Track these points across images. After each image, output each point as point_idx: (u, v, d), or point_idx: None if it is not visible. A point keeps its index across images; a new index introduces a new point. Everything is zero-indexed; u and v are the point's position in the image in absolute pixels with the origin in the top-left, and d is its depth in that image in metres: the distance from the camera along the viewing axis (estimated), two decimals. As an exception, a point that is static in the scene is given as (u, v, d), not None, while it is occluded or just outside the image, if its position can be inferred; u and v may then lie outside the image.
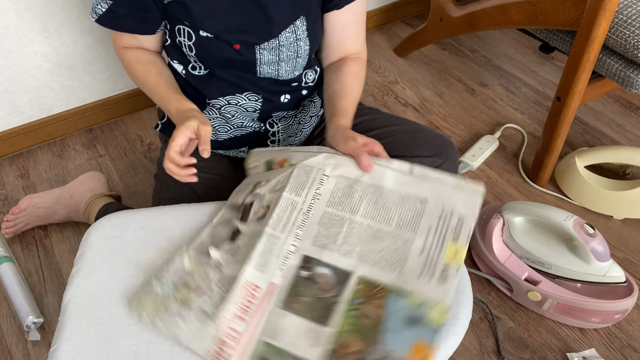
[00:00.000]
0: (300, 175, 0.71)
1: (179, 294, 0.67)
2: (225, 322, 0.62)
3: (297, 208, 0.69)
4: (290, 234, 0.68)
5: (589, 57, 1.12)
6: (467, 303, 0.70)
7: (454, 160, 0.96)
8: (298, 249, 0.66)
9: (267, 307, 0.63)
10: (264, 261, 0.67)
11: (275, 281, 0.65)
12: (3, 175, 1.44)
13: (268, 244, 0.68)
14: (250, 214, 0.73)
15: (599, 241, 1.03)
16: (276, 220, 0.69)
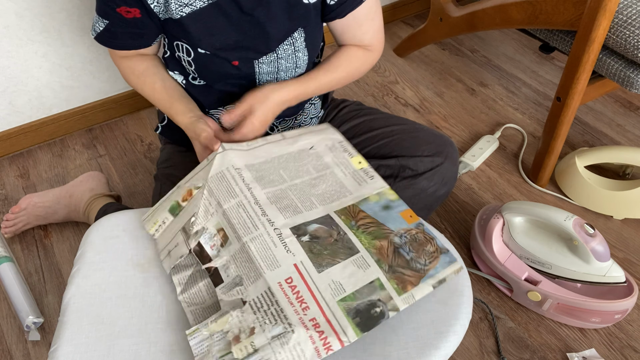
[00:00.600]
0: (218, 186, 0.75)
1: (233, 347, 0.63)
2: (302, 322, 0.62)
3: (246, 206, 0.72)
4: (264, 225, 0.70)
5: (589, 57, 1.12)
6: (467, 303, 0.70)
7: (454, 160, 0.96)
8: (282, 229, 0.70)
9: (311, 283, 0.66)
10: (270, 259, 0.67)
11: (294, 262, 0.67)
12: (3, 175, 1.44)
13: (259, 247, 0.68)
14: (211, 251, 0.71)
15: (599, 241, 1.03)
16: (243, 227, 0.70)
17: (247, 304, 0.64)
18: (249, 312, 0.63)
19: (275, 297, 0.64)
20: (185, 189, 0.76)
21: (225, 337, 0.61)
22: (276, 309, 0.63)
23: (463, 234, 1.28)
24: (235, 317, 0.63)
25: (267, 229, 0.70)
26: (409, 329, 0.67)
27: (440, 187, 0.95)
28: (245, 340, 0.61)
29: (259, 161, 0.79)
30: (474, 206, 1.35)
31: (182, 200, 0.75)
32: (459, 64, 1.81)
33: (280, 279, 0.65)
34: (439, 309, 0.69)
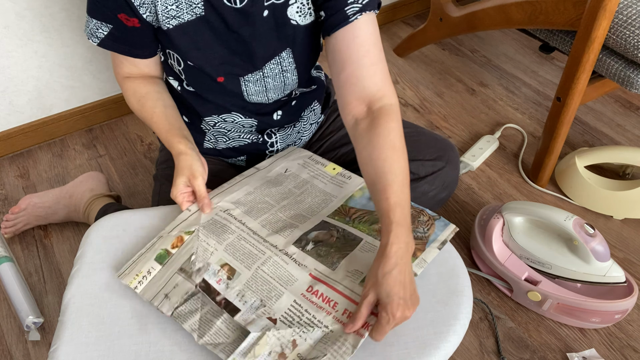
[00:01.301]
0: (212, 228, 0.77)
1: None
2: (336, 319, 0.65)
3: (246, 238, 0.75)
4: (269, 249, 0.73)
5: (589, 57, 1.12)
6: (467, 303, 0.70)
7: (455, 164, 0.96)
8: (286, 248, 0.74)
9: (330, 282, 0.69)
10: (286, 277, 0.70)
11: (309, 272, 0.70)
12: (3, 175, 1.44)
13: (272, 268, 0.71)
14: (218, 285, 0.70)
15: (599, 241, 1.03)
16: (250, 257, 0.73)
17: (278, 321, 0.65)
18: (284, 327, 0.64)
19: (303, 307, 0.66)
20: (173, 237, 0.75)
21: (270, 357, 0.62)
22: (308, 317, 0.65)
23: (463, 234, 1.28)
24: (273, 336, 0.64)
25: (273, 252, 0.73)
26: (409, 329, 0.67)
27: (441, 190, 0.95)
28: (291, 354, 0.62)
29: (242, 195, 0.82)
30: (474, 206, 1.35)
31: (171, 247, 0.74)
32: (459, 64, 1.81)
33: (302, 290, 0.68)
34: (439, 309, 0.69)
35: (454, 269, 0.74)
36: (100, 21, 0.78)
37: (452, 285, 0.72)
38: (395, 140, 0.71)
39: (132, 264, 0.73)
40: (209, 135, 0.94)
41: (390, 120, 0.72)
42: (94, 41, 0.81)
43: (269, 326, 0.65)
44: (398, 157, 0.70)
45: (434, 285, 0.72)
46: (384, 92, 0.74)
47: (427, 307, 0.70)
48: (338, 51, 0.74)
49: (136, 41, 0.81)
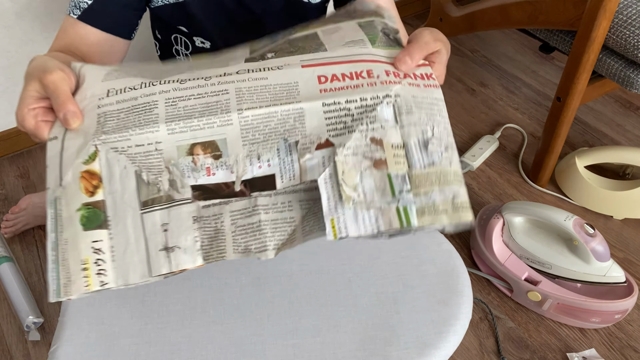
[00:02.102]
0: (117, 120, 0.46)
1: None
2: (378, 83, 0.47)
3: (182, 93, 0.47)
4: (230, 81, 0.48)
5: (589, 57, 1.12)
6: (467, 303, 0.70)
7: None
8: (244, 66, 0.50)
9: (343, 58, 0.49)
10: (282, 90, 0.47)
11: (301, 65, 0.49)
12: (3, 175, 1.44)
13: (258, 96, 0.46)
14: (218, 175, 0.46)
15: (599, 241, 1.03)
16: (212, 111, 0.46)
17: (330, 138, 0.45)
18: (345, 136, 0.45)
19: (339, 100, 0.46)
20: (73, 183, 0.47)
21: (367, 172, 0.44)
22: (356, 104, 0.46)
23: (463, 234, 1.28)
24: (344, 155, 0.44)
25: (237, 79, 0.47)
26: (409, 329, 0.67)
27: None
28: (387, 153, 0.44)
29: (117, 67, 0.52)
30: (474, 206, 1.35)
31: (87, 194, 0.46)
32: (459, 64, 1.81)
33: (317, 88, 0.47)
34: (439, 309, 0.69)
35: (454, 269, 0.74)
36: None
37: (452, 285, 0.72)
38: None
39: (56, 271, 0.44)
40: None
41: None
42: (75, 14, 0.70)
43: (329, 154, 0.44)
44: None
45: (434, 285, 0.72)
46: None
47: (427, 307, 0.70)
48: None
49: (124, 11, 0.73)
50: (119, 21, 0.74)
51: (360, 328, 0.67)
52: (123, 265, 0.45)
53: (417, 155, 0.45)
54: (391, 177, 0.44)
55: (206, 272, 0.73)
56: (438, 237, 0.79)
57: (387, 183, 0.44)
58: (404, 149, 0.45)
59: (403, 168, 0.44)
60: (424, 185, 0.44)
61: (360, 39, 0.50)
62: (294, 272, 0.73)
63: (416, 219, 0.44)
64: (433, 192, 0.44)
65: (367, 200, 0.44)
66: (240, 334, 0.67)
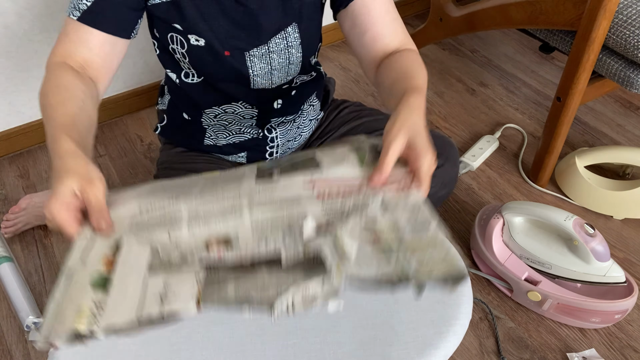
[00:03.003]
0: (144, 229, 0.55)
1: None
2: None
3: (203, 203, 0.56)
4: (242, 193, 0.57)
5: (589, 57, 1.12)
6: (467, 303, 0.70)
7: (455, 161, 0.96)
8: (255, 184, 0.58)
9: (340, 174, 0.58)
10: (287, 197, 0.55)
11: (303, 181, 0.58)
12: (3, 175, 1.44)
13: (268, 204, 0.55)
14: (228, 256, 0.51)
15: (599, 241, 1.03)
16: (228, 214, 0.54)
17: (327, 224, 0.52)
18: (343, 220, 0.51)
19: (336, 197, 0.54)
20: (96, 262, 0.50)
21: (366, 241, 0.50)
22: (351, 203, 0.54)
23: (463, 234, 1.28)
24: (346, 231, 0.50)
25: (247, 192, 0.55)
26: (409, 329, 0.67)
27: (440, 188, 0.95)
28: (380, 228, 0.51)
29: (145, 191, 0.59)
30: (474, 206, 1.35)
31: (105, 268, 0.50)
32: (459, 64, 1.81)
33: (314, 196, 0.55)
34: (439, 309, 0.69)
35: (454, 269, 0.74)
36: None
37: (452, 285, 0.72)
38: (416, 59, 0.77)
39: (57, 312, 0.46)
40: (209, 131, 0.94)
41: (411, 52, 0.79)
42: (75, 15, 0.72)
43: (330, 232, 0.50)
44: (421, 67, 0.75)
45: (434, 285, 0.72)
46: (405, 42, 0.82)
47: (427, 307, 0.70)
48: (359, 16, 0.81)
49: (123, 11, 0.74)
50: (119, 22, 0.75)
51: (360, 328, 0.67)
52: (112, 309, 0.46)
53: (406, 230, 0.51)
54: (384, 251, 0.50)
55: (206, 272, 0.73)
56: (438, 237, 0.79)
57: (382, 253, 0.49)
58: (395, 229, 0.51)
59: (395, 243, 0.50)
60: (417, 250, 0.49)
61: (351, 159, 0.59)
62: (294, 272, 0.73)
63: (421, 276, 0.48)
64: (424, 255, 0.49)
65: (362, 267, 0.48)
66: (240, 334, 0.67)
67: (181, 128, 0.96)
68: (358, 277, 0.47)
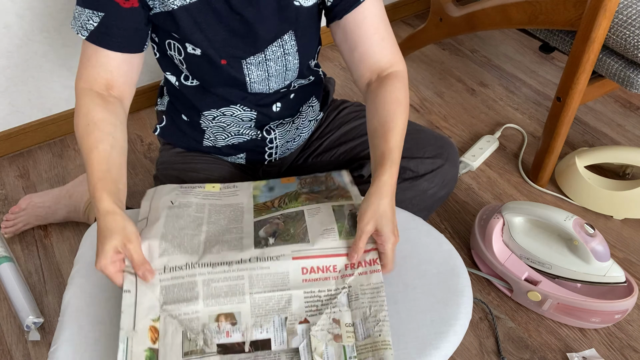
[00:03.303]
0: (171, 294, 0.68)
1: None
2: (338, 276, 0.70)
3: (212, 277, 0.69)
4: (243, 269, 0.70)
5: (589, 57, 1.12)
6: (467, 303, 0.70)
7: (455, 161, 0.96)
8: (252, 255, 0.71)
9: (319, 252, 0.71)
10: (279, 279, 0.70)
11: (292, 257, 0.71)
12: (3, 175, 1.44)
13: (263, 283, 0.69)
14: (234, 337, 0.66)
15: (599, 241, 1.03)
16: (232, 292, 0.68)
17: (307, 318, 0.67)
18: (317, 317, 0.67)
19: (314, 290, 0.69)
20: (143, 332, 0.65)
21: (330, 345, 0.65)
22: (326, 294, 0.69)
23: (463, 234, 1.28)
24: (317, 332, 0.66)
25: (248, 268, 0.69)
26: (409, 329, 0.67)
27: (440, 188, 0.95)
28: (342, 330, 0.66)
29: (159, 242, 0.71)
30: (474, 206, 1.35)
31: (151, 342, 0.64)
32: (459, 64, 1.81)
33: (300, 279, 0.69)
34: (439, 309, 0.69)
35: (454, 269, 0.74)
36: (92, 10, 0.74)
37: (452, 285, 0.72)
38: (400, 95, 0.81)
39: None
40: (208, 132, 0.94)
41: (396, 81, 0.82)
42: (84, 34, 0.76)
43: (306, 328, 0.66)
44: (401, 110, 0.80)
45: (434, 285, 0.72)
46: (392, 62, 0.84)
47: (427, 307, 0.70)
48: (349, 32, 0.83)
49: (129, 28, 0.77)
50: (131, 40, 0.78)
51: (360, 328, 0.67)
52: None
53: (360, 331, 0.65)
54: (345, 348, 0.64)
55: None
56: (438, 237, 0.79)
57: (342, 352, 0.64)
58: (353, 326, 0.66)
59: (352, 340, 0.65)
60: (364, 352, 0.64)
61: (332, 229, 0.73)
62: (294, 272, 0.73)
63: None
64: (368, 357, 0.63)
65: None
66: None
67: (180, 129, 0.96)
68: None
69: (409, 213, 0.85)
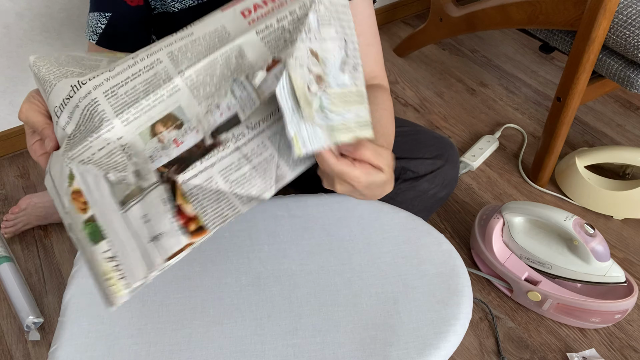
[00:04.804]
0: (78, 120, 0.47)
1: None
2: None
3: (122, 75, 0.47)
4: (164, 44, 0.49)
5: (589, 57, 1.12)
6: (467, 303, 0.70)
7: (455, 162, 0.96)
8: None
9: None
10: (218, 33, 0.47)
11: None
12: (3, 175, 1.44)
13: (201, 42, 0.47)
14: (185, 138, 0.46)
15: (599, 241, 1.03)
16: (154, 82, 0.46)
17: (286, 61, 0.43)
18: (295, 55, 0.43)
19: (270, 20, 0.45)
20: (71, 207, 0.47)
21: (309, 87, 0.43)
22: (292, 15, 0.45)
23: (463, 234, 1.28)
24: (294, 67, 0.42)
25: (162, 45, 0.47)
26: (409, 329, 0.67)
27: (440, 189, 0.95)
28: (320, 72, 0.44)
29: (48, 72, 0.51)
30: (474, 206, 1.35)
31: (82, 212, 0.46)
32: (459, 64, 1.81)
33: (245, 26, 0.46)
34: (439, 309, 0.69)
35: (454, 269, 0.74)
36: (100, 11, 0.76)
37: (452, 285, 0.72)
38: (387, 103, 0.73)
39: (97, 287, 0.49)
40: None
41: (382, 92, 0.74)
42: (94, 39, 0.78)
43: (278, 70, 0.43)
44: (389, 119, 0.71)
45: (434, 285, 0.72)
46: (375, 73, 0.77)
47: (427, 307, 0.70)
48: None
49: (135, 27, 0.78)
50: (137, 38, 0.78)
51: (360, 328, 0.67)
52: (128, 266, 0.45)
53: (332, 74, 0.45)
54: (321, 98, 0.44)
55: (206, 272, 0.73)
56: (438, 237, 0.79)
57: (318, 102, 0.43)
58: (324, 66, 0.44)
59: (329, 87, 0.44)
60: (340, 105, 0.45)
61: None
62: (294, 272, 0.73)
63: (341, 136, 0.45)
64: (346, 112, 0.45)
65: (313, 118, 0.43)
66: (240, 334, 0.67)
67: None
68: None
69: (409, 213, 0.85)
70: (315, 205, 0.82)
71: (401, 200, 0.92)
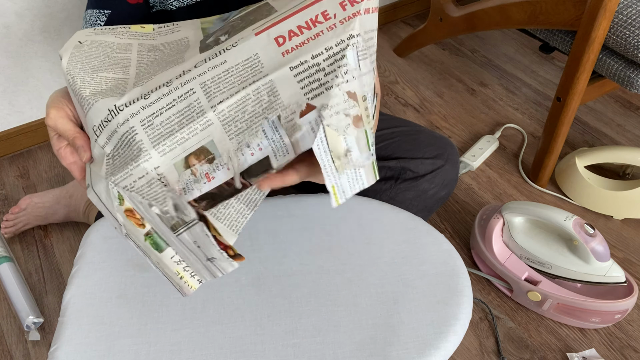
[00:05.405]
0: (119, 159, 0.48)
1: None
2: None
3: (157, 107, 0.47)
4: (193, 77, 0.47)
5: (589, 57, 1.12)
6: (467, 303, 0.70)
7: (455, 162, 0.96)
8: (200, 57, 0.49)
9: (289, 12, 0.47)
10: (249, 66, 0.46)
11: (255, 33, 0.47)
12: (3, 175, 1.44)
13: (227, 80, 0.46)
14: (217, 173, 0.46)
15: (599, 241, 1.03)
16: (188, 115, 0.46)
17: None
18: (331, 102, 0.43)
19: (305, 55, 0.44)
20: (127, 222, 0.49)
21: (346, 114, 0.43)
22: (328, 51, 0.43)
23: (463, 234, 1.28)
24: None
25: (194, 74, 0.46)
26: (409, 329, 0.67)
27: (440, 189, 0.95)
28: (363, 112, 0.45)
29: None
30: (474, 206, 1.35)
31: (141, 226, 0.48)
32: (459, 64, 1.81)
33: (279, 55, 0.45)
34: (439, 309, 0.69)
35: (454, 269, 0.74)
36: (100, 9, 0.75)
37: (452, 285, 0.72)
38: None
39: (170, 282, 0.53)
40: None
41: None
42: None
43: (314, 118, 0.42)
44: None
45: (434, 285, 0.72)
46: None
47: (427, 307, 0.70)
48: None
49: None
50: None
51: (360, 328, 0.67)
52: (196, 269, 0.49)
53: (371, 106, 0.45)
54: (367, 133, 0.44)
55: (206, 272, 0.73)
56: (438, 237, 0.79)
57: (364, 139, 0.43)
58: (366, 101, 0.44)
59: (370, 121, 0.44)
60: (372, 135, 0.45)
61: None
62: (294, 272, 0.73)
63: (377, 171, 0.46)
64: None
65: (354, 161, 0.44)
66: (240, 334, 0.67)
67: None
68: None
69: (409, 213, 0.85)
70: (315, 205, 0.82)
71: (401, 199, 0.92)
